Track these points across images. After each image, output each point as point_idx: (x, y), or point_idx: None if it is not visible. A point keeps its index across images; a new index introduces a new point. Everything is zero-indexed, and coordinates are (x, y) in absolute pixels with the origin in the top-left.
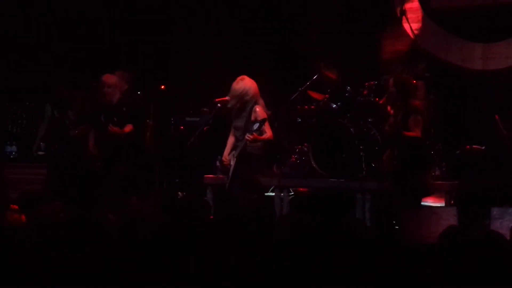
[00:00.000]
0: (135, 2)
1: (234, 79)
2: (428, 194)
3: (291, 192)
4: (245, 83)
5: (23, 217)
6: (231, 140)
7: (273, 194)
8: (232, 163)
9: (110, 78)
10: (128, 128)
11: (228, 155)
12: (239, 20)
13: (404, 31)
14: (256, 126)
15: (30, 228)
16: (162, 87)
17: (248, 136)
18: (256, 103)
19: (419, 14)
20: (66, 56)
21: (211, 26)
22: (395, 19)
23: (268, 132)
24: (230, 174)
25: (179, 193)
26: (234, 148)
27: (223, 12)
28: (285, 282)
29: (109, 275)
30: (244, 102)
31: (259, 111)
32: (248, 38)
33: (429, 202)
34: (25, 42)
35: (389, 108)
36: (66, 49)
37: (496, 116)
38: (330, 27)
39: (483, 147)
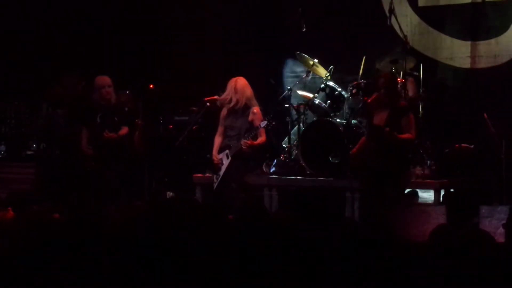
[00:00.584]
0: (124, 1)
1: (223, 77)
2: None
3: None
4: (242, 83)
5: (11, 214)
6: (219, 139)
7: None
8: (225, 162)
9: (106, 79)
10: (125, 130)
11: (218, 153)
12: (228, 19)
13: (393, 29)
14: (263, 124)
15: (19, 227)
16: (151, 86)
17: (245, 143)
18: (252, 104)
19: (408, 12)
20: (54, 55)
21: (200, 25)
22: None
23: (263, 136)
24: (221, 172)
25: (169, 192)
26: (225, 146)
27: (212, 11)
28: (279, 280)
29: (100, 276)
30: (238, 101)
31: (258, 112)
32: (237, 37)
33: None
34: (14, 42)
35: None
36: (54, 48)
37: (485, 115)
38: (319, 25)
39: (472, 146)
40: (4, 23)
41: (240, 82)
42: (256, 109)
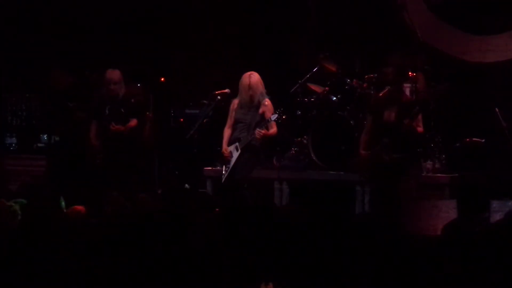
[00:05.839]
0: None
1: (233, 71)
2: (422, 187)
3: None
4: (255, 78)
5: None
6: (228, 131)
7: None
8: (234, 154)
9: (115, 74)
10: (134, 122)
11: (228, 146)
12: (239, 12)
13: (404, 23)
14: (274, 117)
15: (27, 220)
16: (162, 79)
17: (259, 132)
18: (263, 96)
19: (419, 6)
20: (66, 48)
21: (211, 18)
22: (395, 10)
23: (274, 128)
24: (230, 165)
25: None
26: (234, 139)
27: (222, 4)
28: (286, 274)
29: (105, 270)
30: (251, 96)
31: (269, 104)
32: (248, 30)
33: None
34: (25, 34)
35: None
36: (66, 41)
37: (496, 109)
38: (330, 19)
39: (483, 140)
40: (16, 15)
41: (251, 77)
42: (267, 101)
